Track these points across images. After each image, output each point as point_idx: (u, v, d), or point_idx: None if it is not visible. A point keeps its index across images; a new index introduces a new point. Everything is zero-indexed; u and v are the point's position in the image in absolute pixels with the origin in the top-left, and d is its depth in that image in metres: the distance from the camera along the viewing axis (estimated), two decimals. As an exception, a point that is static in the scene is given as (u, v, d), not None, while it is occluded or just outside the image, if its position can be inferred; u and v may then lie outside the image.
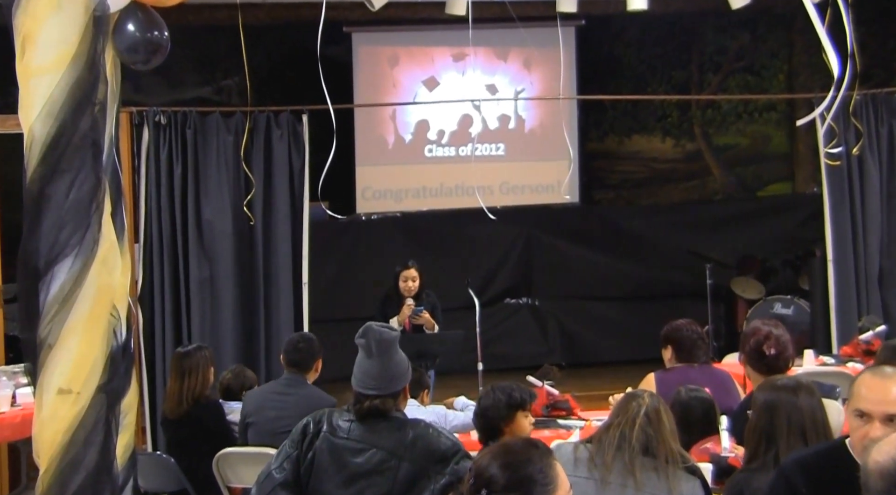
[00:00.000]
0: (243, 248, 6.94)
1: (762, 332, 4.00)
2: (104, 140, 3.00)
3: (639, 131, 11.10)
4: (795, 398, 3.03)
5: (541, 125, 10.56)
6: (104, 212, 2.98)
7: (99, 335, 2.95)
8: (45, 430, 2.90)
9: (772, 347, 3.92)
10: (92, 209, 2.91)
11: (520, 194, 10.55)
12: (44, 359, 2.90)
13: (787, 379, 3.21)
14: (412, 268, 6.72)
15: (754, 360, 3.97)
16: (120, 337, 3.06)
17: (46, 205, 2.88)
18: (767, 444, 2.99)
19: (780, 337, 3.98)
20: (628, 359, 9.35)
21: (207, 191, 6.87)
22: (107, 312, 2.95)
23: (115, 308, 3.00)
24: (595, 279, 10.49)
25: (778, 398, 3.04)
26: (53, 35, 2.91)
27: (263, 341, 6.92)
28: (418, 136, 10.41)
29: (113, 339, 3.00)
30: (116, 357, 3.03)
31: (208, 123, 6.90)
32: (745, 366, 4.08)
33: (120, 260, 3.11)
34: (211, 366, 5.06)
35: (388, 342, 3.19)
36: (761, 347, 3.94)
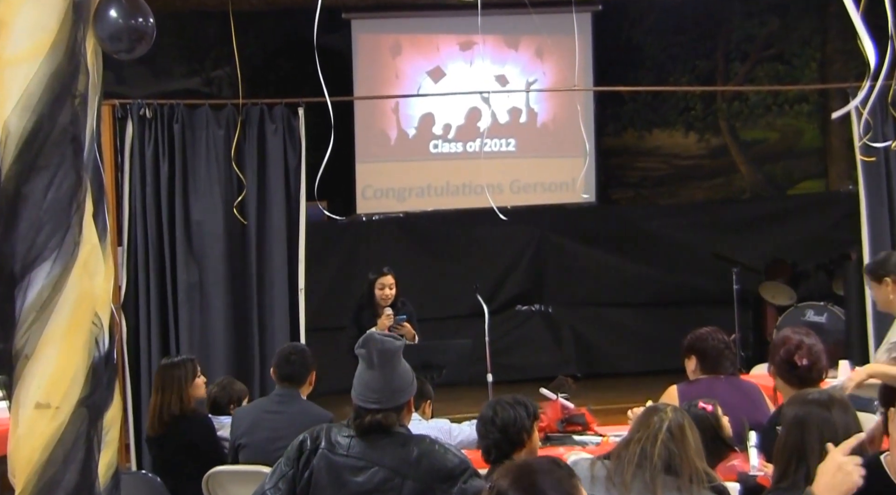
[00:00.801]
0: (235, 251, 6.93)
1: (793, 341, 3.99)
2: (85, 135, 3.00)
3: (660, 125, 11.08)
4: (828, 413, 3.01)
5: (554, 119, 10.55)
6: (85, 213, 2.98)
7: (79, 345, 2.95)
8: (22, 448, 2.89)
9: (804, 358, 3.90)
10: (72, 209, 2.90)
11: (532, 193, 10.54)
12: (20, 371, 2.89)
13: (818, 393, 3.19)
14: (388, 275, 6.73)
15: (785, 372, 3.95)
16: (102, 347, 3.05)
17: (23, 205, 2.87)
18: (798, 462, 2.98)
19: (812, 346, 3.97)
20: (648, 369, 9.33)
21: (196, 189, 6.87)
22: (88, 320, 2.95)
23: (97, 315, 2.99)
24: (613, 284, 10.48)
25: (809, 413, 3.02)
26: (30, 22, 2.90)
27: (257, 351, 6.91)
28: (423, 131, 10.41)
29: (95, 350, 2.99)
30: (98, 368, 3.02)
31: (197, 117, 6.89)
32: (775, 377, 4.06)
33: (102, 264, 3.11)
34: (196, 378, 5.05)
35: (391, 352, 3.18)
36: (792, 358, 3.93)
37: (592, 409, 5.52)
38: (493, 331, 7.28)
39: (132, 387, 6.66)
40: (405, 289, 8.44)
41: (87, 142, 2.98)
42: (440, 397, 6.68)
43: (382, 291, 6.68)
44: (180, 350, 6.62)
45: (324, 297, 9.27)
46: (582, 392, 6.40)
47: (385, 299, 6.68)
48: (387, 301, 6.68)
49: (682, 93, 10.91)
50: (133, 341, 6.72)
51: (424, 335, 7.30)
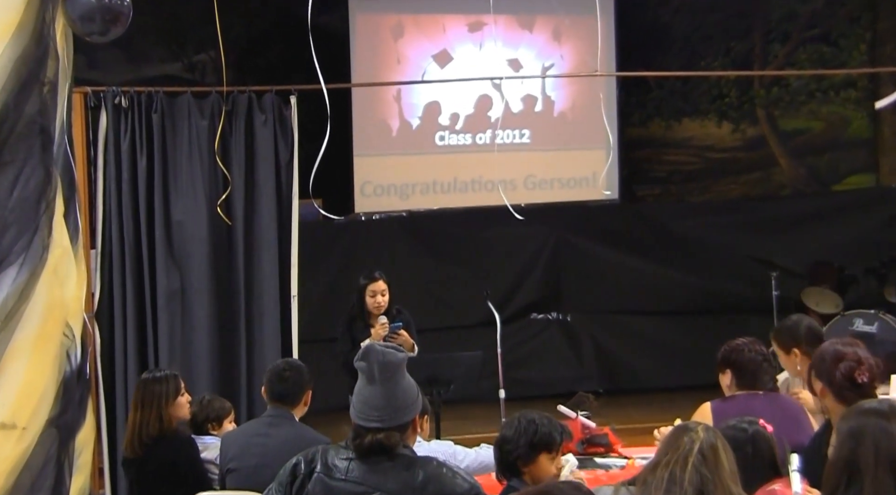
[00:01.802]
0: (220, 255, 6.94)
1: (849, 355, 3.93)
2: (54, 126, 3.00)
3: (690, 114, 11.06)
4: (887, 423, 2.96)
5: (573, 107, 10.54)
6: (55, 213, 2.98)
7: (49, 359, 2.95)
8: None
9: (864, 374, 3.86)
10: (41, 209, 2.90)
11: (548, 189, 10.53)
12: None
13: (876, 402, 3.15)
14: (380, 280, 6.71)
15: (843, 390, 3.88)
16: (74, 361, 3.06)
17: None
18: (850, 480, 2.94)
19: (869, 360, 3.94)
20: (678, 385, 9.31)
21: (177, 186, 6.87)
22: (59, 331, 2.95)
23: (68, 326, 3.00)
24: (638, 290, 10.46)
25: (865, 424, 2.98)
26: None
27: (244, 366, 6.91)
28: (428, 121, 10.41)
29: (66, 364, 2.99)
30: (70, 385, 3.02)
31: (178, 106, 6.90)
32: (826, 396, 4.02)
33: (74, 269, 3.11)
34: (179, 396, 5.06)
35: (394, 365, 3.17)
36: (853, 374, 3.87)
37: (616, 429, 5.51)
38: (506, 342, 7.27)
39: (107, 405, 6.67)
40: (408, 295, 8.45)
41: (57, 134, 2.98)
42: (447, 416, 6.70)
43: (374, 298, 6.67)
44: (159, 364, 6.62)
45: (318, 306, 9.26)
46: (604, 410, 6.38)
47: (378, 307, 6.67)
48: (380, 309, 6.67)
49: (714, 78, 10.88)
50: (108, 354, 6.72)
51: (430, 346, 7.29)
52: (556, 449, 3.95)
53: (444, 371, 6.54)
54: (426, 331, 8.26)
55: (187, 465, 4.92)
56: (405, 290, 8.50)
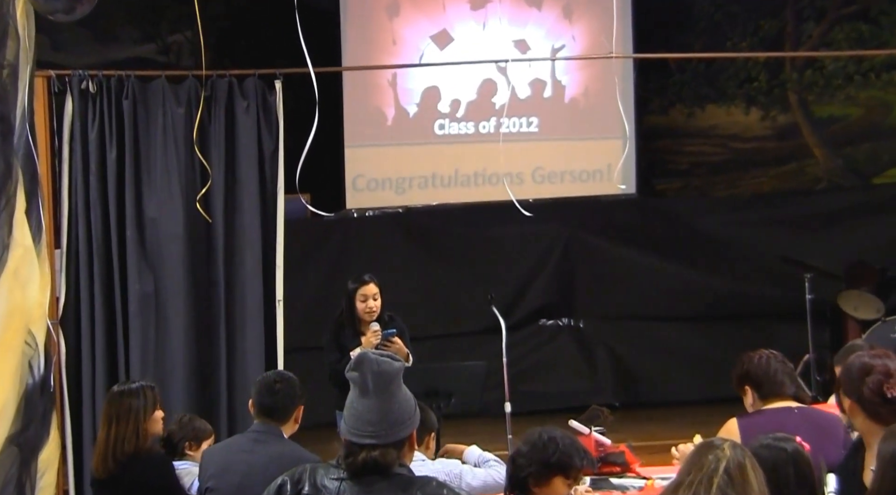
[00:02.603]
0: (198, 255, 6.94)
1: (877, 368, 3.91)
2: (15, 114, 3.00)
3: (715, 100, 11.05)
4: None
5: (586, 93, 10.54)
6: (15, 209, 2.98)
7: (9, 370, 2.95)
8: (-60, 494, 2.89)
9: (894, 388, 3.85)
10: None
11: (559, 183, 10.53)
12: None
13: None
14: (371, 283, 6.68)
15: (875, 406, 3.87)
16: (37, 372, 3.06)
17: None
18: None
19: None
20: (702, 398, 9.30)
21: (151, 180, 6.88)
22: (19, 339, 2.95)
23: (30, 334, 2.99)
24: (657, 293, 10.46)
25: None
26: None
27: (225, 377, 6.92)
28: (426, 109, 10.40)
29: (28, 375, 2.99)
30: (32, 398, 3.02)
31: (151, 91, 6.90)
32: (857, 413, 4.01)
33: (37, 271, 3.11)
34: (155, 411, 5.06)
35: (390, 375, 3.17)
36: (882, 389, 3.86)
37: (633, 446, 5.51)
38: (512, 351, 7.26)
39: (72, 421, 6.66)
40: (405, 300, 8.44)
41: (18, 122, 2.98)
42: (448, 431, 6.69)
43: (365, 303, 6.65)
44: (130, 375, 6.62)
45: (306, 311, 9.25)
46: (621, 425, 6.38)
47: (369, 313, 6.64)
48: (371, 315, 6.65)
49: (742, 60, 10.86)
50: (74, 365, 6.72)
51: (428, 356, 7.30)
52: (573, 474, 3.94)
53: (443, 382, 6.53)
54: (424, 339, 8.29)
55: (163, 486, 4.91)
56: (401, 294, 8.49)
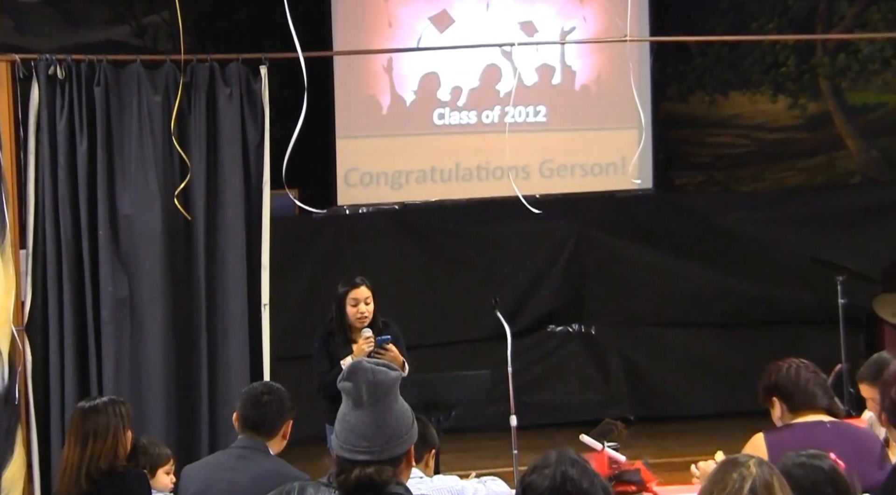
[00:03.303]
0: (177, 256, 6.94)
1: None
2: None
3: (739, 87, 11.03)
4: None
5: (598, 79, 10.53)
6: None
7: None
8: None
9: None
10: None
11: (568, 178, 10.53)
12: None
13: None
14: (362, 286, 6.67)
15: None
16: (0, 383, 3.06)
17: None
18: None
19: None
20: (725, 411, 9.32)
21: (125, 174, 6.87)
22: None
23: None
24: (676, 297, 10.45)
25: None
26: None
27: (206, 389, 6.92)
28: (424, 97, 10.40)
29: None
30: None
31: (125, 77, 6.89)
32: (890, 427, 4.01)
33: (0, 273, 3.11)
34: (128, 430, 5.06)
35: (386, 386, 3.17)
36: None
37: (650, 464, 5.51)
38: (519, 360, 7.26)
39: (39, 436, 6.63)
40: (401, 304, 8.45)
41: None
42: (448, 447, 6.70)
43: (356, 308, 6.65)
44: (103, 387, 6.62)
45: (295, 317, 9.26)
46: (636, 440, 6.40)
47: (361, 319, 6.64)
48: (363, 320, 6.64)
49: (769, 43, 10.85)
50: (41, 375, 6.70)
51: (427, 364, 7.30)
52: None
53: (444, 393, 6.54)
54: (422, 348, 8.29)
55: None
56: (396, 298, 8.51)
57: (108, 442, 4.92)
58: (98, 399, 5.24)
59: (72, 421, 5.11)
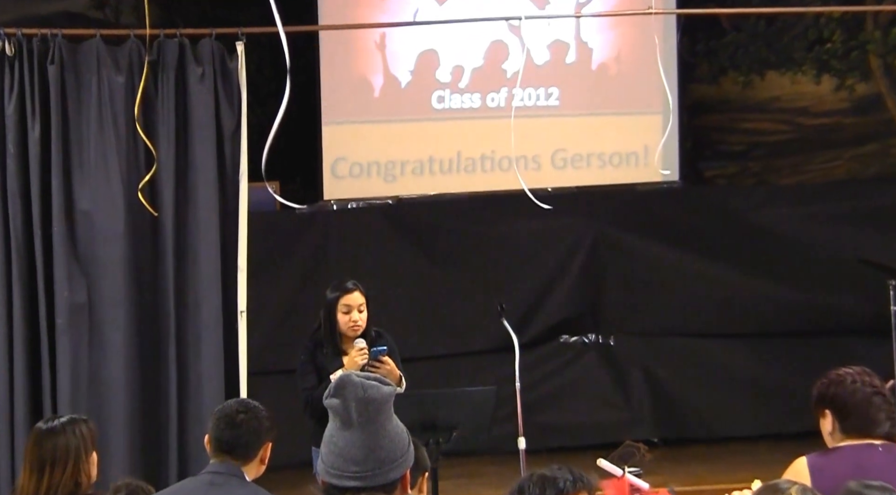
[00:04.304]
0: (142, 257, 6.93)
1: None
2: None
3: (778, 66, 11.03)
4: None
5: (618, 58, 10.52)
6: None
7: None
8: None
9: None
10: None
11: (584, 169, 10.54)
12: None
13: None
14: (356, 291, 6.66)
15: None
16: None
17: None
18: None
19: None
20: (762, 433, 9.32)
21: (83, 164, 6.87)
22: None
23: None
24: (706, 304, 10.45)
25: None
26: None
27: (175, 407, 6.90)
28: (422, 78, 10.39)
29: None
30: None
31: (84, 55, 6.88)
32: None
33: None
34: (91, 452, 5.05)
35: (378, 403, 3.15)
36: None
37: (676, 492, 5.51)
38: (528, 374, 7.28)
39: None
40: (396, 312, 8.44)
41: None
42: (449, 472, 6.71)
43: (348, 315, 6.63)
44: (58, 406, 6.60)
45: (275, 325, 9.25)
46: (661, 465, 6.39)
47: (353, 327, 6.63)
48: (356, 330, 6.63)
49: (812, 16, 10.86)
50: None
51: (425, 380, 7.27)
52: None
53: (443, 412, 6.51)
54: (420, 360, 8.29)
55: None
56: (391, 305, 8.50)
57: (68, 468, 4.91)
58: (57, 419, 5.22)
59: (27, 446, 5.09)
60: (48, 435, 5.02)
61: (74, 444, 4.97)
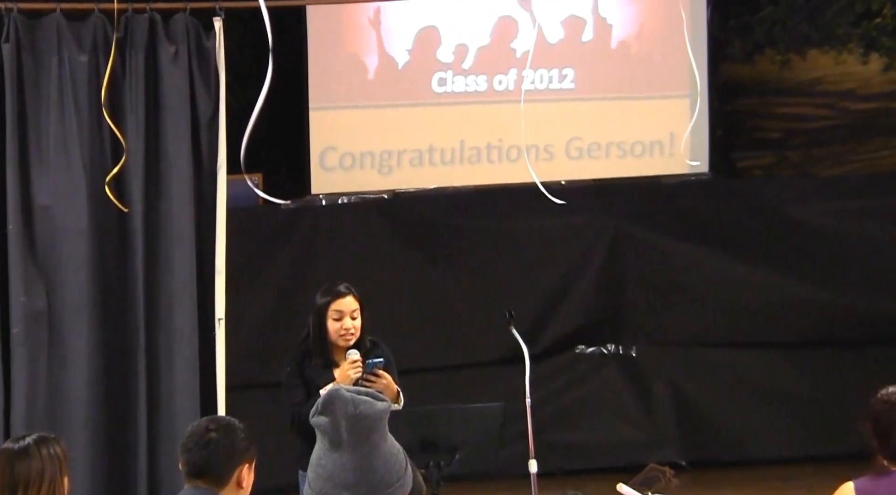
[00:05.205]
0: (109, 258, 6.95)
1: None
2: None
3: (819, 44, 11.05)
4: None
5: (640, 35, 10.53)
6: None
7: None
8: None
9: None
10: None
11: (602, 159, 10.56)
12: None
13: None
14: (349, 295, 6.66)
15: None
16: None
17: None
18: None
19: None
20: (803, 454, 9.31)
21: (42, 154, 6.88)
22: None
23: None
24: (739, 310, 10.46)
25: None
26: None
27: (144, 425, 6.91)
28: (421, 57, 10.40)
29: None
30: None
31: (42, 32, 6.90)
32: None
33: None
34: (65, 475, 5.05)
35: (371, 421, 3.15)
36: None
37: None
38: (540, 389, 7.28)
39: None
40: (393, 318, 8.43)
41: None
42: None
43: (339, 322, 6.64)
44: (11, 423, 6.63)
45: (258, 333, 9.27)
46: (689, 491, 6.38)
47: (346, 336, 6.64)
48: (348, 338, 6.64)
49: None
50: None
51: (426, 395, 7.26)
52: None
53: (445, 431, 6.53)
54: (419, 373, 8.30)
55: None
56: (387, 311, 8.50)
57: (42, 491, 4.92)
58: (27, 438, 5.23)
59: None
60: (20, 455, 5.02)
61: (49, 466, 4.98)
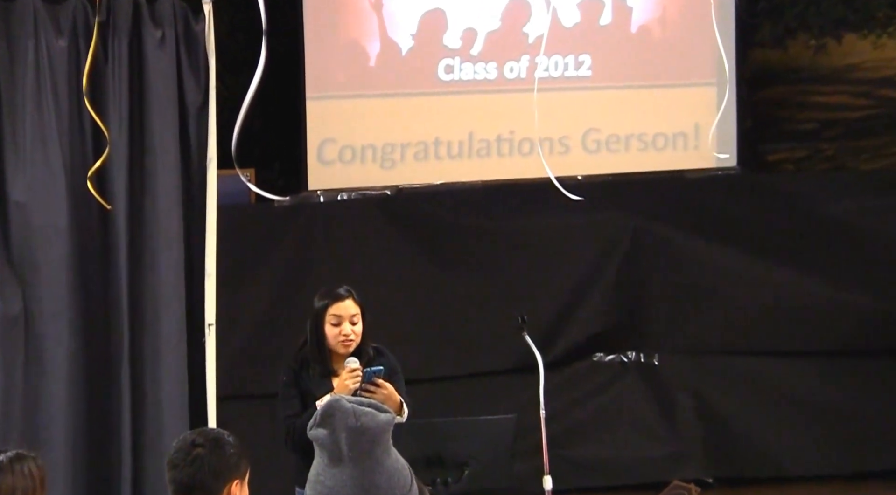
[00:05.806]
0: (90, 258, 6.97)
1: None
2: None
3: (856, 28, 11.05)
4: None
5: (662, 19, 10.54)
6: None
7: None
8: None
9: None
10: None
11: (622, 153, 10.58)
12: None
13: None
14: (349, 299, 6.69)
15: None
16: None
17: None
18: None
19: None
20: (838, 472, 9.29)
21: (17, 148, 6.91)
22: None
23: None
24: (770, 316, 10.45)
25: None
26: None
27: (129, 438, 6.93)
28: (426, 42, 10.41)
29: None
30: None
31: (17, 15, 6.92)
32: None
33: None
34: (42, 491, 5.06)
35: (373, 434, 3.16)
36: None
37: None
38: (555, 400, 7.28)
39: None
40: (397, 324, 8.43)
41: None
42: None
43: (339, 328, 6.65)
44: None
45: (251, 339, 9.26)
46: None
47: (345, 342, 6.66)
48: (348, 345, 6.66)
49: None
50: None
51: (433, 405, 7.27)
52: None
53: (454, 445, 6.56)
54: (425, 382, 8.30)
55: None
56: (391, 316, 8.50)
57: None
58: (1, 454, 5.25)
59: None
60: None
61: (23, 485, 4.98)
